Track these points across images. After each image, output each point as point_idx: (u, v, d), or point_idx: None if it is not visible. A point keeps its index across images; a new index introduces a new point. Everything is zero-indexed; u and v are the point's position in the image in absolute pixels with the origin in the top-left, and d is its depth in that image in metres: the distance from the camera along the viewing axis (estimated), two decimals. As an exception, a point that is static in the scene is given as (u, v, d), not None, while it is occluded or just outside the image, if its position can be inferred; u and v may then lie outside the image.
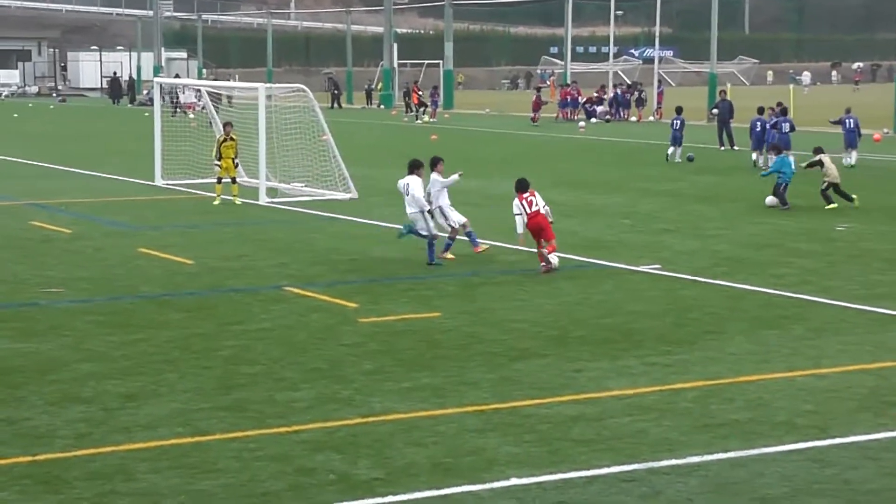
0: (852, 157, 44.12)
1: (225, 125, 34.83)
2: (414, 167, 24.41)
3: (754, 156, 44.22)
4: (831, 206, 31.48)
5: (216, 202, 33.65)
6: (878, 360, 16.39)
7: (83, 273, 22.97)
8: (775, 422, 13.64)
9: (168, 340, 17.57)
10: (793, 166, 32.06)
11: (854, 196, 31.91)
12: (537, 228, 22.85)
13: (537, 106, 72.67)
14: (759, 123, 44.17)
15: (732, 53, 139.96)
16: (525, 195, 22.98)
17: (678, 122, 47.15)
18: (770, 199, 32.10)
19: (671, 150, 47.09)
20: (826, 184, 31.99)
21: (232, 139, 33.97)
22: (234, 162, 33.84)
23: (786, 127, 43.20)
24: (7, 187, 37.99)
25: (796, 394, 14.78)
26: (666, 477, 11.96)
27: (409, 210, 24.00)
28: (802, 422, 13.64)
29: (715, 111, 55.35)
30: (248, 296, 20.91)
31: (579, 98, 76.79)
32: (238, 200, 33.67)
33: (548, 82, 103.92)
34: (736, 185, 38.29)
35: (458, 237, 24.58)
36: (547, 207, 23.09)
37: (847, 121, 44.75)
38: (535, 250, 23.08)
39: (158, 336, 17.82)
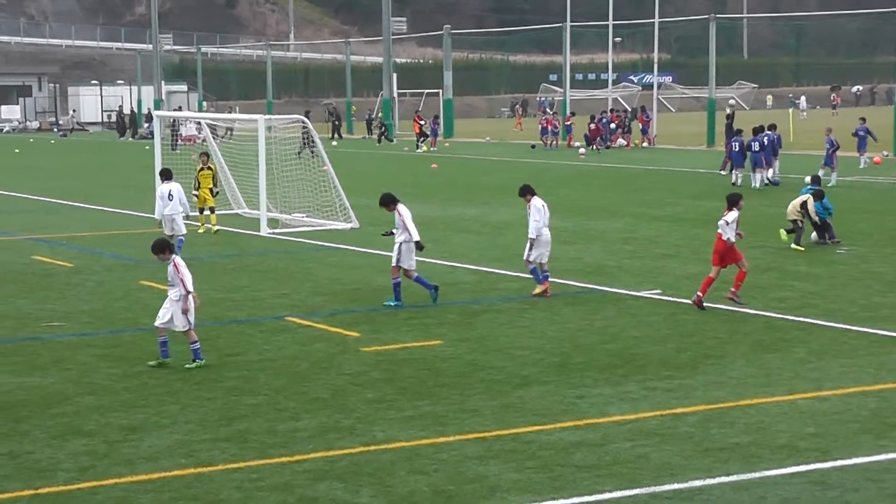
0: (832, 178, 45.02)
1: (201, 155, 35.56)
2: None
3: (732, 175, 47.18)
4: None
5: (200, 231, 33.99)
6: (880, 382, 16.42)
7: (85, 307, 23.01)
8: (777, 445, 13.66)
9: (170, 372, 17.61)
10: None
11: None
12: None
13: (595, 134, 71.73)
14: (735, 144, 47.06)
15: (731, 78, 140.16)
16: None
17: (756, 143, 46.21)
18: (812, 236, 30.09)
19: (737, 173, 46.67)
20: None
21: (209, 168, 34.58)
22: (211, 191, 34.28)
23: (755, 146, 45.86)
24: (9, 222, 38.07)
25: (798, 417, 14.80)
26: (668, 501, 11.99)
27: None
28: (804, 445, 13.66)
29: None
30: (250, 327, 20.95)
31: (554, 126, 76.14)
32: (214, 229, 34.07)
33: (518, 111, 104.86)
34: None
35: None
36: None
37: (830, 141, 46.25)
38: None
39: (160, 368, 17.84)
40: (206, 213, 34.52)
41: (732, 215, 21.74)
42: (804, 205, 29.67)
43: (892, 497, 12.01)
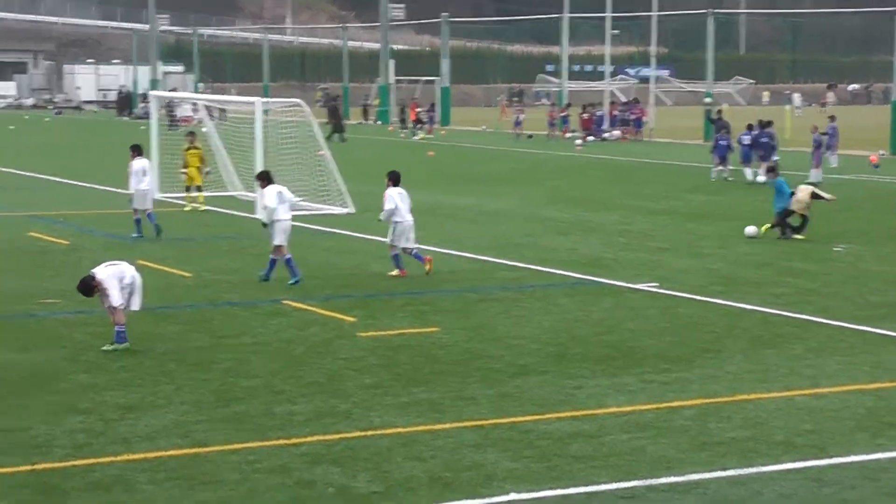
0: (812, 174, 45.23)
1: (188, 134, 36.20)
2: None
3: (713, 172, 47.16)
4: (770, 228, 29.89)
5: (187, 209, 34.88)
6: (876, 381, 16.40)
7: (81, 284, 22.91)
8: (774, 441, 13.65)
9: (165, 353, 17.59)
10: (787, 190, 30.05)
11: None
12: None
13: (588, 125, 73.49)
14: (724, 140, 47.37)
15: (728, 73, 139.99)
16: None
17: (748, 137, 46.21)
18: (749, 230, 30.05)
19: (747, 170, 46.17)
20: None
21: (196, 147, 35.23)
22: (199, 170, 34.96)
23: (745, 140, 46.28)
24: (5, 199, 37.98)
25: (795, 413, 14.79)
26: (664, 494, 11.98)
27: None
28: (801, 441, 13.65)
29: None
30: (245, 309, 20.91)
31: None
32: (202, 208, 34.96)
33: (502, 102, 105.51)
34: (730, 203, 38.35)
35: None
36: None
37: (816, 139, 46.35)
38: None
39: (156, 348, 17.82)
40: (194, 192, 35.20)
41: None
42: (814, 195, 29.85)
43: (890, 496, 12.01)
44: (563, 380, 16.23)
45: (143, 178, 29.48)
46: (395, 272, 24.00)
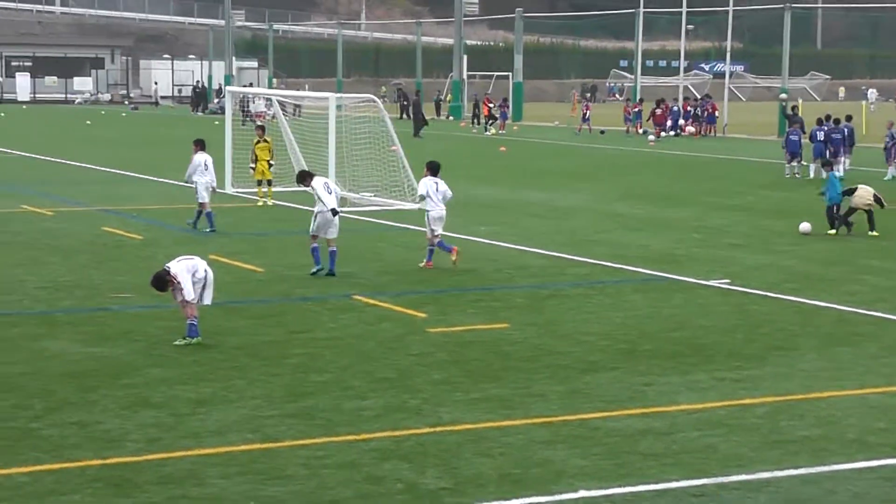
0: (889, 172, 44.86)
1: (257, 128, 36.90)
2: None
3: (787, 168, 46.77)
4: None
5: (259, 203, 35.55)
6: (952, 380, 16.20)
7: (154, 279, 23.09)
8: (847, 439, 13.52)
9: (237, 347, 17.68)
10: (838, 186, 29.99)
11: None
12: None
13: (661, 120, 72.28)
14: (795, 134, 46.90)
15: (804, 69, 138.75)
16: None
17: (821, 132, 45.53)
18: (804, 226, 30.09)
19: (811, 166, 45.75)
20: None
21: (265, 141, 35.74)
22: (268, 164, 35.55)
23: (819, 135, 45.22)
24: (80, 193, 38.38)
25: (868, 411, 14.64)
26: (736, 492, 11.89)
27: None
28: (875, 440, 13.50)
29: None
30: (317, 304, 21.00)
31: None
32: (270, 202, 35.62)
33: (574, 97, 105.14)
34: (806, 199, 37.96)
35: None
36: None
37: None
38: None
39: (227, 343, 17.93)
40: (265, 187, 35.85)
41: None
42: (877, 197, 29.59)
43: (964, 496, 11.86)
44: (633, 377, 16.17)
45: (205, 172, 29.85)
46: (453, 257, 24.21)
